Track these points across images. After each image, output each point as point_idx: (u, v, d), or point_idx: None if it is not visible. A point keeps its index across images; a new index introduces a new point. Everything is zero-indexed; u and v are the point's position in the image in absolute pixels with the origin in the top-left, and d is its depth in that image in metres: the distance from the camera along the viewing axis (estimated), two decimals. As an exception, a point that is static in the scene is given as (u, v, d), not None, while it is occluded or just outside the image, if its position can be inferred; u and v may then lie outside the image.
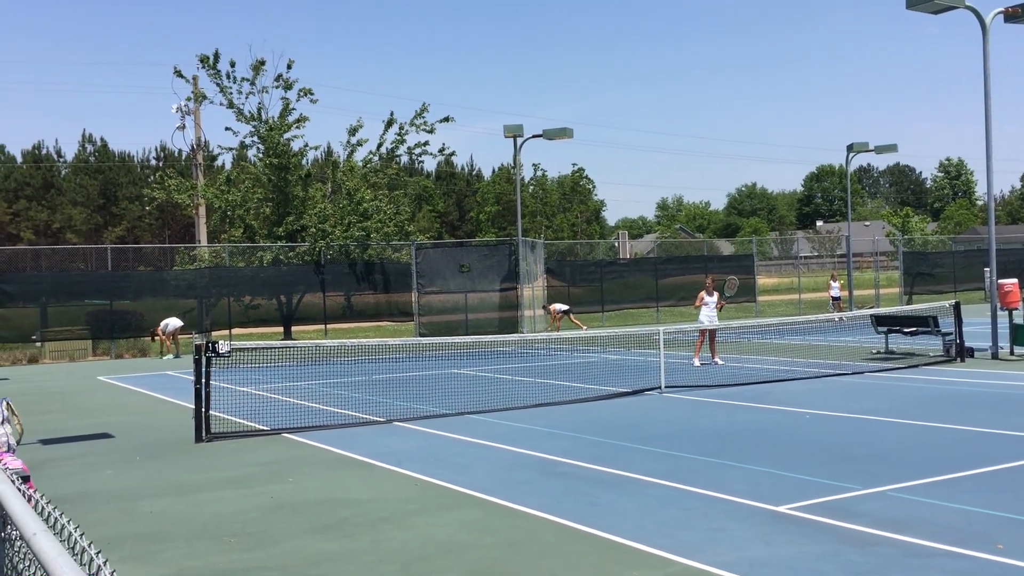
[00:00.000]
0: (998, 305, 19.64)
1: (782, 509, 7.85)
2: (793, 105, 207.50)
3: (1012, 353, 19.27)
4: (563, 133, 31.21)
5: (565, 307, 31.74)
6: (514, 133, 31.20)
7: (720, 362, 19.71)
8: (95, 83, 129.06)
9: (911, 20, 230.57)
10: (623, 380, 17.12)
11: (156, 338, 27.10)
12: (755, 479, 9.02)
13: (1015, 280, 20.11)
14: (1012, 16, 19.05)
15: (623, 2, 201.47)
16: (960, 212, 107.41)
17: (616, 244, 63.13)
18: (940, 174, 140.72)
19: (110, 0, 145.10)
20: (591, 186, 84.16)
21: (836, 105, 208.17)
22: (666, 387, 15.77)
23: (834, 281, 34.99)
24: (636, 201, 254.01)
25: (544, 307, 32.30)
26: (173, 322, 26.78)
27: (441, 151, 34.14)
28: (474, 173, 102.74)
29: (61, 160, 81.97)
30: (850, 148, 37.54)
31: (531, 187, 75.53)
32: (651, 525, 7.53)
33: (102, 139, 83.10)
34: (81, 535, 2.71)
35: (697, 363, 19.47)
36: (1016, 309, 19.64)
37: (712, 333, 20.13)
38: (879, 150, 37.47)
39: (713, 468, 9.62)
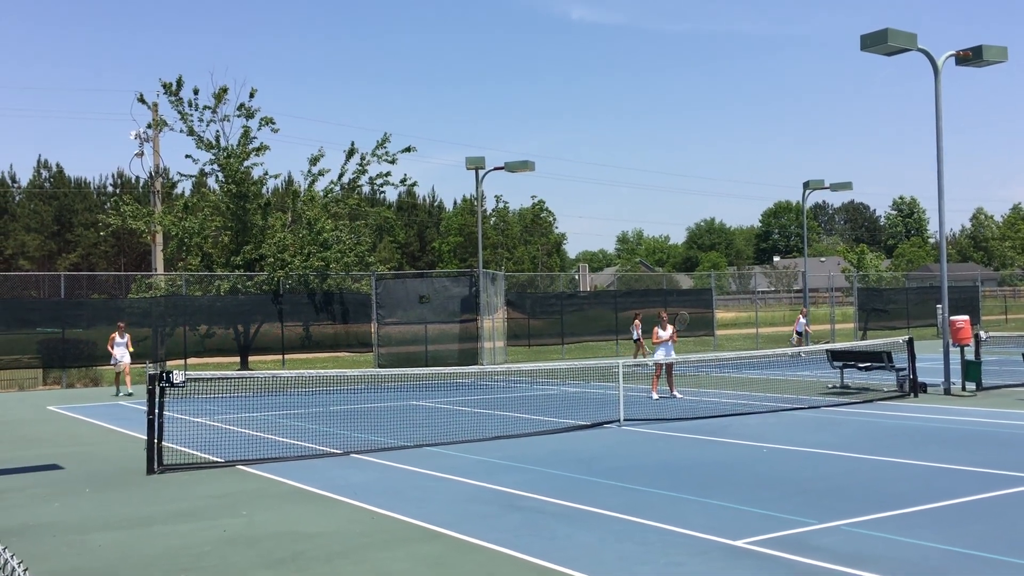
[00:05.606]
0: (950, 341, 19.99)
1: (740, 543, 7.86)
2: (752, 142, 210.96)
3: (964, 389, 19.58)
4: (525, 166, 31.35)
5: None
6: (476, 165, 31.29)
7: (679, 395, 19.79)
8: (52, 108, 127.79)
9: (866, 61, 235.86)
10: (582, 413, 17.11)
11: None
12: (713, 513, 9.04)
13: (966, 317, 20.51)
14: (963, 59, 19.57)
15: (586, 39, 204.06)
16: (912, 250, 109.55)
17: (576, 277, 63.48)
18: (893, 212, 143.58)
19: (68, 25, 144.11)
20: (552, 219, 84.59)
21: (793, 143, 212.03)
22: (625, 420, 15.79)
23: (803, 316, 35.25)
24: (596, 234, 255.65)
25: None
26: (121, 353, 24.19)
27: (403, 182, 34.03)
28: (436, 204, 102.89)
29: (15, 186, 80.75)
30: (806, 185, 38.17)
31: (493, 219, 75.69)
32: (610, 559, 7.50)
33: (58, 165, 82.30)
34: (25, 570, 2.64)
35: (655, 396, 19.53)
36: (968, 345, 19.99)
37: (669, 367, 20.22)
38: (834, 187, 38.16)
39: (671, 502, 9.62)
